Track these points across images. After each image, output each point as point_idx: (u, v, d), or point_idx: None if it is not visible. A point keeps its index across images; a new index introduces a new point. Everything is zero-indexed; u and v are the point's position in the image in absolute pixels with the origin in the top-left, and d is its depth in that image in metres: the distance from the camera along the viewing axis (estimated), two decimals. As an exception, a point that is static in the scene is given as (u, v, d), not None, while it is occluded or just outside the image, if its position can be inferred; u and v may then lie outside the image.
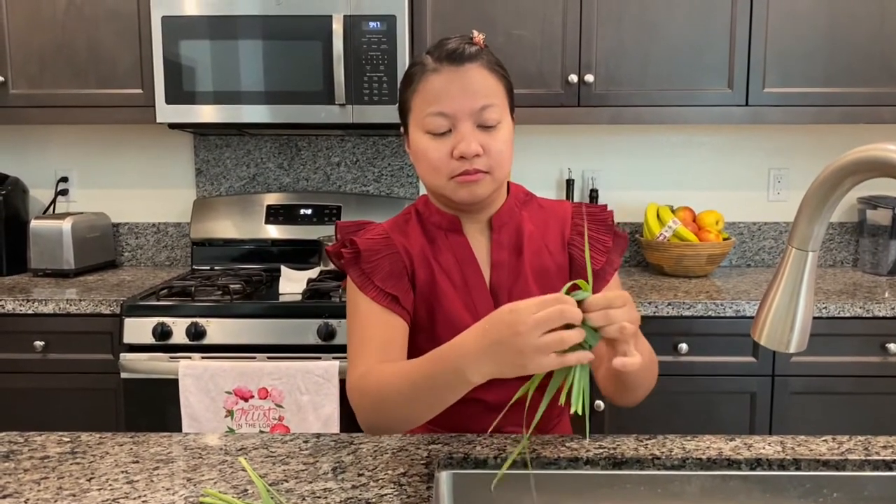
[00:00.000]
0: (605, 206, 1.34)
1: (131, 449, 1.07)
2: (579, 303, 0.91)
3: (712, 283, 2.40)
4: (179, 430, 2.04)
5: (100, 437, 1.11)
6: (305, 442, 1.09)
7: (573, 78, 2.34)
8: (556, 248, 1.27)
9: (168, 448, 1.07)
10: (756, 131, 2.73)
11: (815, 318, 2.09)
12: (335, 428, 2.02)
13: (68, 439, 1.10)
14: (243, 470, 1.00)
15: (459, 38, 1.18)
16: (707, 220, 2.54)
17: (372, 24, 2.27)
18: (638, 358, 0.93)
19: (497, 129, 1.16)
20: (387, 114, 2.29)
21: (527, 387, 0.99)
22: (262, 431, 2.03)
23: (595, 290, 1.24)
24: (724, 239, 2.52)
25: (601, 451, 1.06)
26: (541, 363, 0.88)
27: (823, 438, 1.09)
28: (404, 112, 1.23)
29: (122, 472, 0.99)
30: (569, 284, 0.94)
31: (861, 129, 2.65)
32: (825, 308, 2.11)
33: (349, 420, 2.03)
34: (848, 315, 2.11)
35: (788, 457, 1.03)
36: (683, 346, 2.13)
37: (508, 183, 1.30)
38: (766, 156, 2.75)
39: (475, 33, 1.20)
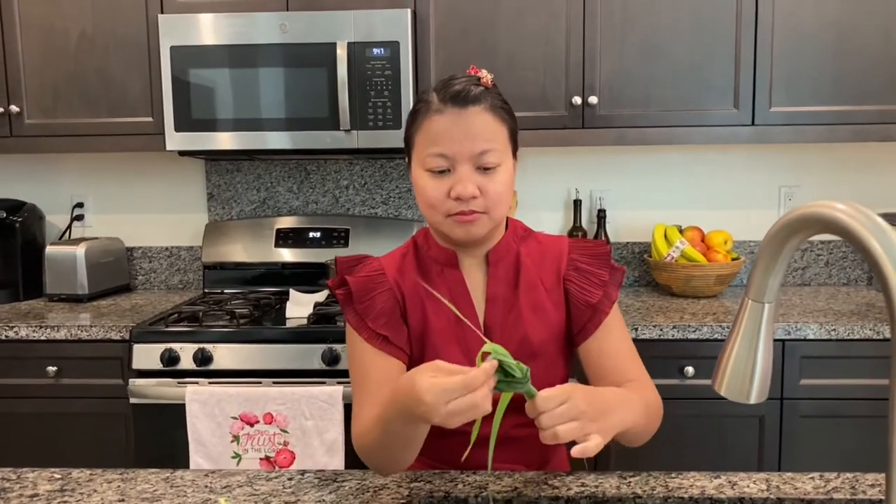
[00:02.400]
0: (604, 241, 1.35)
1: (119, 486, 1.08)
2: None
3: (721, 304, 2.38)
4: (187, 454, 2.06)
5: (90, 473, 1.13)
6: (290, 479, 1.10)
7: (577, 100, 2.34)
8: (552, 284, 1.27)
9: (154, 486, 1.09)
10: (766, 149, 2.71)
11: (825, 339, 2.08)
12: (340, 453, 2.03)
13: (59, 476, 1.12)
14: (225, 509, 1.01)
15: (467, 79, 1.20)
16: (716, 239, 2.52)
17: (376, 51, 2.29)
18: (596, 442, 0.94)
19: (496, 172, 1.17)
20: (391, 139, 2.31)
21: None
22: (267, 457, 2.05)
23: (595, 325, 1.24)
24: (734, 259, 2.50)
25: (583, 489, 1.06)
26: (459, 423, 0.91)
27: (810, 476, 1.08)
28: (408, 146, 1.25)
29: (108, 511, 1.01)
30: (482, 351, 0.93)
31: (874, 143, 2.62)
32: (834, 330, 2.08)
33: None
34: (858, 337, 2.08)
35: (773, 496, 1.02)
36: (689, 370, 2.11)
37: (507, 218, 1.31)
38: (777, 173, 2.72)
39: (484, 73, 1.22)
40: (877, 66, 2.31)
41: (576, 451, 0.93)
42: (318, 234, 2.71)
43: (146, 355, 2.12)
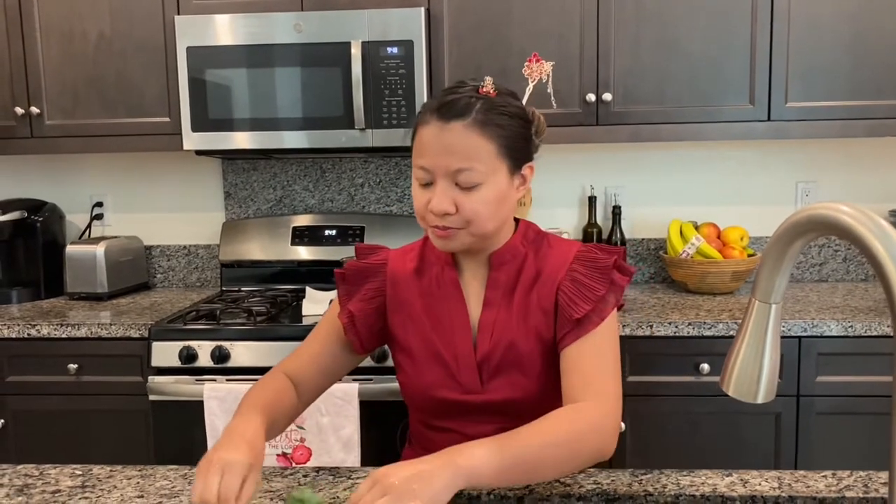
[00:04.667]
0: (622, 248, 1.31)
1: (138, 483, 1.11)
2: None
3: (737, 301, 2.37)
4: (206, 450, 2.08)
5: (110, 469, 1.16)
6: (305, 476, 1.12)
7: (591, 97, 2.34)
8: (548, 291, 1.21)
9: (173, 482, 1.11)
10: (783, 144, 2.69)
11: (842, 336, 2.07)
12: (356, 449, 2.05)
13: (80, 472, 1.15)
14: (241, 505, 1.03)
15: (467, 89, 1.16)
16: (732, 236, 2.51)
17: (390, 50, 2.30)
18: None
19: (475, 190, 1.13)
20: (405, 137, 2.31)
21: None
22: (284, 453, 2.07)
23: (572, 338, 1.15)
24: (750, 255, 2.49)
25: (595, 486, 1.06)
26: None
27: (822, 474, 1.08)
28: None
29: (127, 506, 1.03)
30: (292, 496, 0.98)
31: (892, 139, 2.60)
32: (851, 327, 2.07)
33: (369, 441, 2.07)
34: (875, 334, 2.07)
35: (784, 494, 1.03)
36: (705, 367, 2.11)
37: (519, 221, 1.28)
38: (794, 169, 2.71)
39: (485, 81, 1.17)
40: (894, 60, 2.29)
41: None
42: (333, 232, 2.73)
43: (165, 353, 2.15)
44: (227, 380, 2.12)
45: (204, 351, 2.14)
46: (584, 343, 1.15)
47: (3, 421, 2.27)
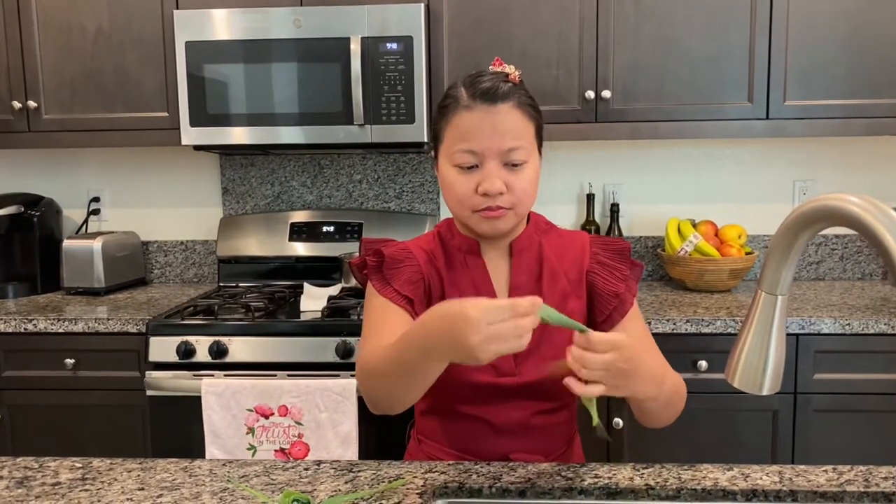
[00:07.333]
0: (622, 237, 1.36)
1: (139, 476, 1.10)
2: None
3: (735, 298, 2.37)
4: (203, 446, 2.09)
5: (110, 462, 1.15)
6: (306, 469, 1.12)
7: (590, 94, 2.34)
8: (575, 276, 1.29)
9: (174, 475, 1.10)
10: (780, 143, 2.70)
11: (839, 334, 2.08)
12: (354, 445, 2.05)
13: (80, 465, 1.14)
14: (242, 498, 1.03)
15: (495, 76, 1.21)
16: (729, 234, 2.52)
17: (389, 45, 2.30)
18: (599, 390, 0.98)
19: (522, 169, 1.19)
20: (405, 133, 2.32)
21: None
22: (281, 449, 2.07)
23: (620, 314, 1.26)
24: (747, 253, 2.50)
25: (596, 480, 1.06)
26: (492, 354, 0.91)
27: (823, 469, 1.08)
28: (436, 140, 1.27)
29: (128, 499, 1.03)
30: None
31: (889, 137, 2.61)
32: (848, 325, 2.07)
33: (367, 437, 2.06)
34: (872, 331, 2.07)
35: (785, 488, 1.03)
36: (703, 364, 2.12)
37: (529, 212, 1.32)
38: (792, 167, 2.71)
39: (511, 69, 1.23)
40: (892, 58, 2.30)
41: (571, 383, 0.98)
42: (331, 229, 2.72)
43: (162, 348, 2.15)
44: (225, 375, 2.11)
45: (201, 346, 2.14)
46: (629, 322, 1.25)
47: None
